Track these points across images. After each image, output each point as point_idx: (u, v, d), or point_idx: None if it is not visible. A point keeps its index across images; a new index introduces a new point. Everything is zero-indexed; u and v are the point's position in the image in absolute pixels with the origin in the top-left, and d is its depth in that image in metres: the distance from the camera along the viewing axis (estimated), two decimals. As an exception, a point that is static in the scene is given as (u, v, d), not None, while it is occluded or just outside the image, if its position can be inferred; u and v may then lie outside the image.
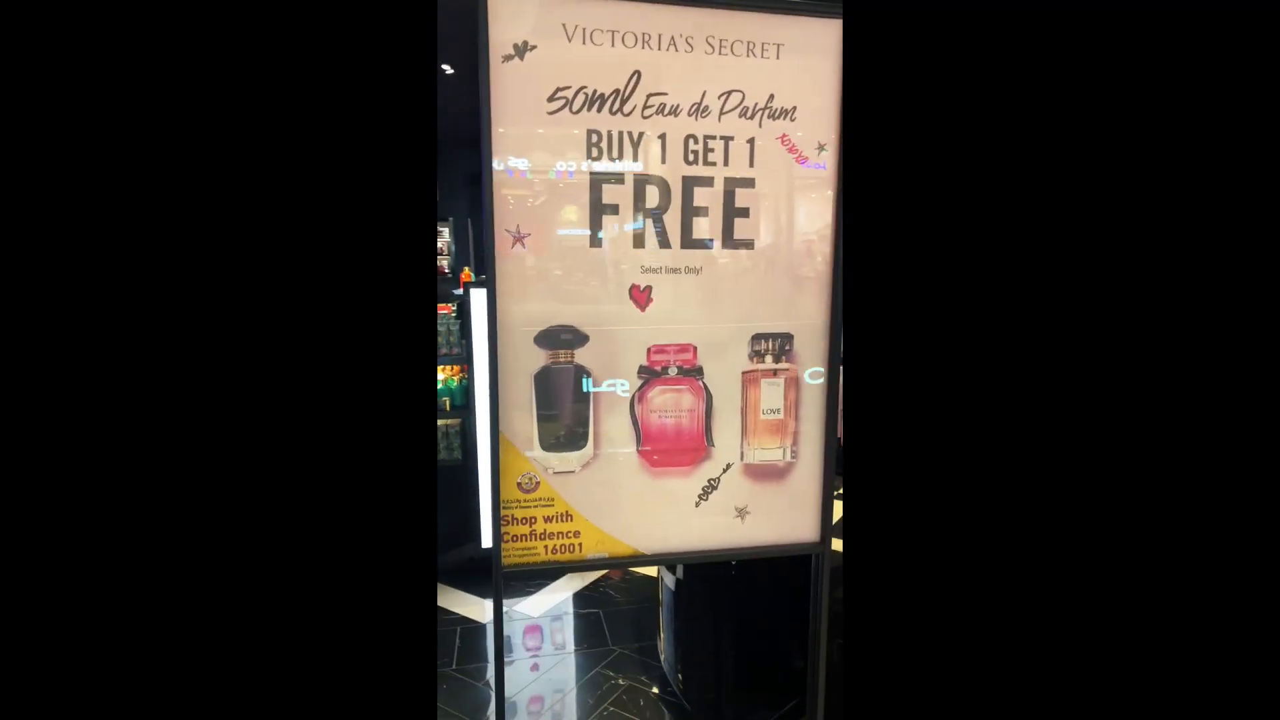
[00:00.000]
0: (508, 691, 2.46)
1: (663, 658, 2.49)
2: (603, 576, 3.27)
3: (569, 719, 2.33)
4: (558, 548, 1.44)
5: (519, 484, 1.41)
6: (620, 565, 3.33)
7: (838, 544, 1.97)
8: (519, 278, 1.34)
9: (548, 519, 1.43)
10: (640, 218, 1.38)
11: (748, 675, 2.15)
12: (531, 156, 1.31)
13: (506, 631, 2.81)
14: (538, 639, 2.79)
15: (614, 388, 1.41)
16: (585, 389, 1.40)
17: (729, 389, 1.47)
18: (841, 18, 1.37)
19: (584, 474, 1.43)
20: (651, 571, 3.24)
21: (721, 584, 2.08)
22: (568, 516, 1.44)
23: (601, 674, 2.54)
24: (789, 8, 1.35)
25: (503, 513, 1.41)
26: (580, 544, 1.45)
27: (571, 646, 2.73)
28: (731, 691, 2.15)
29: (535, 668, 2.58)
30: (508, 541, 1.42)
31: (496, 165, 1.28)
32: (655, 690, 2.44)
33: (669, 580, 2.37)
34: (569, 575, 3.27)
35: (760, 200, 1.42)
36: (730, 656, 2.11)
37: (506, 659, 2.65)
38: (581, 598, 3.08)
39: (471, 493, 3.08)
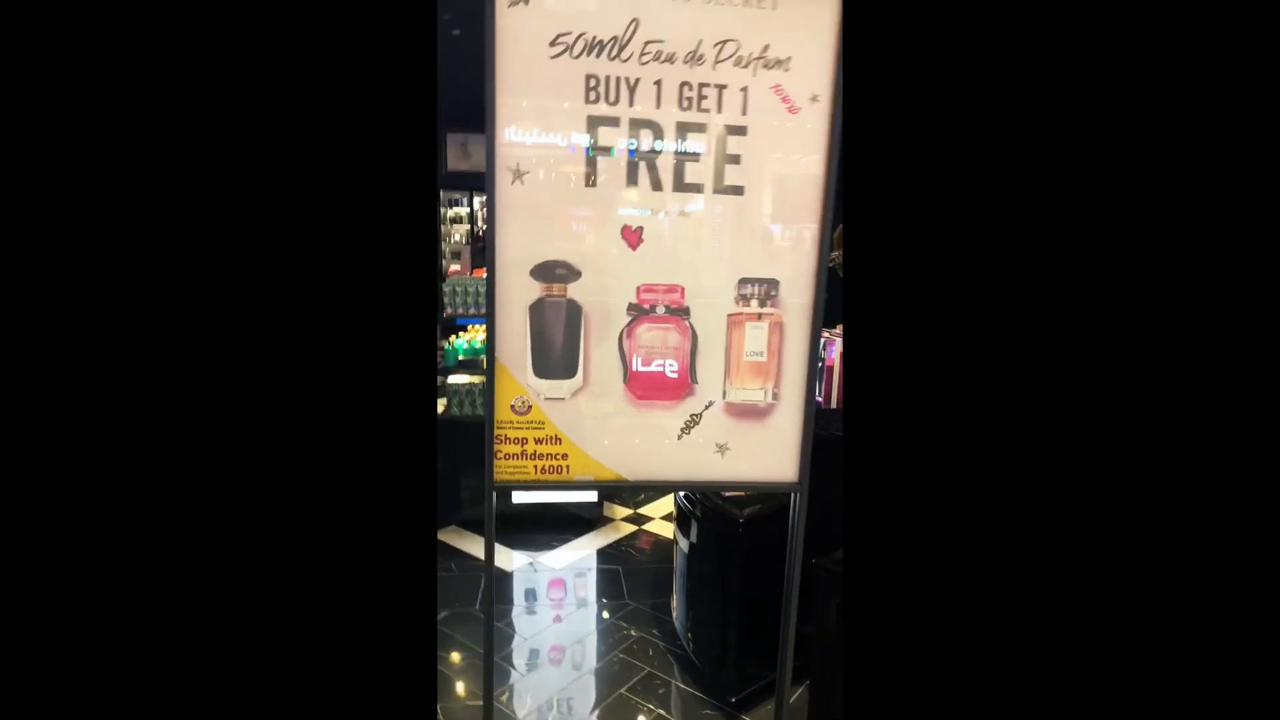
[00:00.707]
0: (527, 634, 2.59)
1: (674, 615, 2.56)
2: (626, 536, 3.37)
3: (586, 664, 2.44)
4: (547, 468, 1.54)
5: (512, 406, 1.52)
6: (604, 489, 3.44)
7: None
8: (518, 213, 1.44)
9: (538, 440, 1.53)
10: (635, 160, 1.46)
11: (752, 637, 2.20)
12: (532, 98, 1.41)
13: (530, 583, 2.95)
14: (560, 590, 2.91)
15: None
16: (577, 323, 1.50)
17: (714, 330, 1.53)
18: (841, -29, 1.41)
19: (573, 401, 1.53)
20: (669, 533, 3.32)
21: (731, 549, 2.14)
22: (557, 440, 1.54)
23: (615, 624, 2.64)
24: (785, -41, 1.40)
25: (496, 432, 1.52)
26: (568, 466, 1.55)
27: (591, 598, 2.84)
28: (735, 651, 2.20)
29: (557, 619, 2.70)
30: (500, 459, 1.53)
31: (500, 107, 1.39)
32: (664, 644, 2.52)
33: (683, 544, 2.44)
34: (594, 532, 3.39)
35: (752, 148, 1.47)
36: (736, 619, 2.17)
37: (530, 606, 2.78)
38: (604, 554, 3.19)
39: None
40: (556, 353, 1.50)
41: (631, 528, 3.46)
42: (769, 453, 1.59)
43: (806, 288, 1.53)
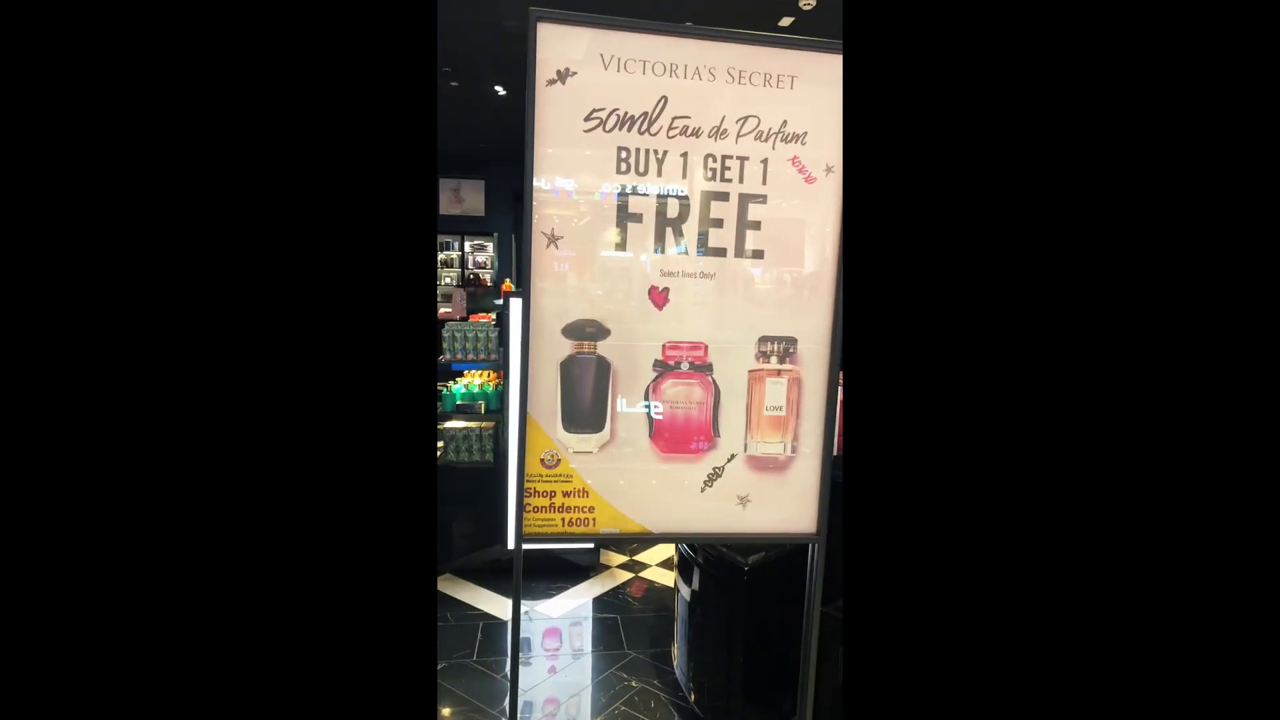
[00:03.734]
0: (524, 686, 2.57)
1: (675, 665, 2.57)
2: (623, 584, 3.37)
3: (582, 716, 2.43)
4: (573, 520, 1.58)
5: (542, 460, 1.56)
6: (629, 540, 3.46)
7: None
8: (552, 276, 1.51)
9: (566, 494, 1.57)
10: (661, 226, 1.54)
11: (757, 685, 2.21)
12: (568, 168, 1.49)
13: (526, 633, 2.93)
14: (556, 640, 2.89)
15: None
16: (606, 378, 1.56)
17: (736, 385, 1.60)
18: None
19: (601, 455, 1.58)
20: (668, 581, 3.33)
21: (736, 596, 2.17)
22: (584, 493, 1.58)
23: (615, 675, 2.63)
24: (801, 44, 1.52)
25: (526, 485, 1.56)
26: (594, 519, 1.58)
27: (589, 648, 2.83)
28: (741, 700, 2.21)
29: (553, 670, 2.69)
30: (529, 512, 1.56)
31: (537, 175, 1.47)
32: (666, 695, 2.52)
33: (685, 591, 2.46)
34: (589, 580, 3.38)
35: (771, 215, 1.57)
36: (741, 667, 2.19)
37: (526, 658, 2.76)
38: (601, 602, 3.19)
39: (500, 495, 3.23)
40: (585, 407, 1.56)
41: (627, 575, 3.47)
42: (788, 504, 1.65)
43: (823, 344, 1.61)
